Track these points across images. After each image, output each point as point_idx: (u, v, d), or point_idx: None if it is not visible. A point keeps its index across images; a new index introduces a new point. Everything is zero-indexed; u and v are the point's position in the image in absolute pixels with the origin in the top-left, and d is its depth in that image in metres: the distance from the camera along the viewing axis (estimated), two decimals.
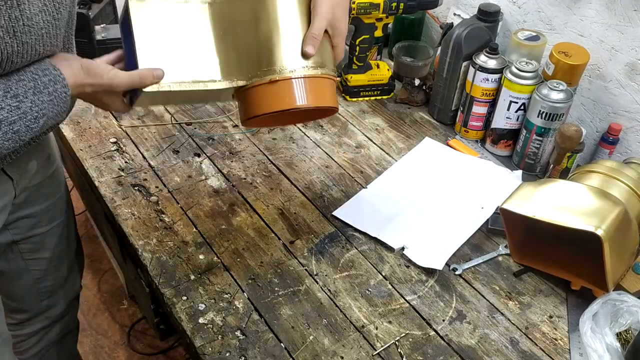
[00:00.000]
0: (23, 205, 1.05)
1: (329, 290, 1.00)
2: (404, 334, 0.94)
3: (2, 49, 0.71)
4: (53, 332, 1.29)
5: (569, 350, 0.94)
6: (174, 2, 0.90)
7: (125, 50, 0.90)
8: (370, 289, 1.01)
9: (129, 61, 0.88)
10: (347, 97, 1.46)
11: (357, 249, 1.08)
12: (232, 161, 1.25)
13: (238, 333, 0.92)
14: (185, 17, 0.89)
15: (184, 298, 0.97)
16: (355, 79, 1.44)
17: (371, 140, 1.34)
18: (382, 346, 0.92)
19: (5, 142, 0.75)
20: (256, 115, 0.88)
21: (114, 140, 1.29)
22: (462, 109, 1.35)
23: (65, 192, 1.19)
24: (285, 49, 0.86)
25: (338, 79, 0.95)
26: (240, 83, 0.88)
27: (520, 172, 1.27)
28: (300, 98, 0.87)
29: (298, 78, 0.86)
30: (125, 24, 0.88)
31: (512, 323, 0.97)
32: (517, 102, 1.23)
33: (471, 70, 1.28)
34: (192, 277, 1.00)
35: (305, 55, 0.87)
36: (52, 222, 1.14)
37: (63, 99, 0.79)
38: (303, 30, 0.88)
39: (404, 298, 1.00)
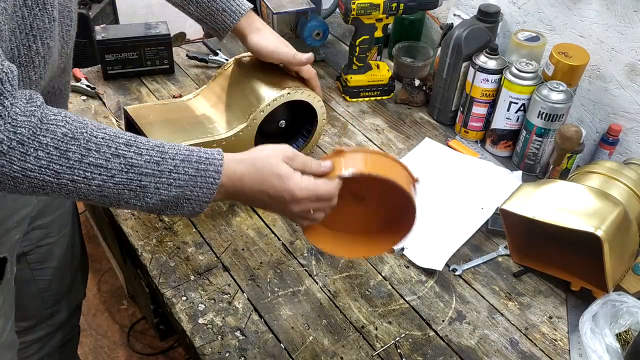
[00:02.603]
0: (37, 217, 1.05)
1: (329, 290, 1.00)
2: (403, 335, 0.94)
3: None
4: (55, 339, 1.29)
5: (569, 351, 0.94)
6: (163, 103, 1.15)
7: None
8: (370, 290, 1.01)
9: None
10: (347, 98, 1.46)
11: None
12: None
13: (238, 333, 0.92)
14: (177, 108, 1.13)
15: (184, 298, 0.97)
16: (355, 80, 1.44)
17: (371, 141, 1.34)
18: (381, 346, 0.92)
19: (125, 190, 0.68)
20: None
21: None
22: (462, 109, 1.35)
23: (73, 201, 1.19)
24: (267, 87, 1.09)
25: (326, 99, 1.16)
26: (241, 126, 1.07)
27: (520, 172, 1.26)
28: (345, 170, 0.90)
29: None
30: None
31: (512, 324, 0.97)
32: (517, 103, 1.23)
33: (471, 70, 1.28)
34: (192, 277, 1.00)
35: (305, 62, 1.08)
36: (60, 232, 1.14)
37: (209, 184, 0.71)
38: (274, 71, 1.12)
39: (404, 298, 1.00)
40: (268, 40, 1.06)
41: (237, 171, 0.74)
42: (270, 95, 1.07)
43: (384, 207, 0.89)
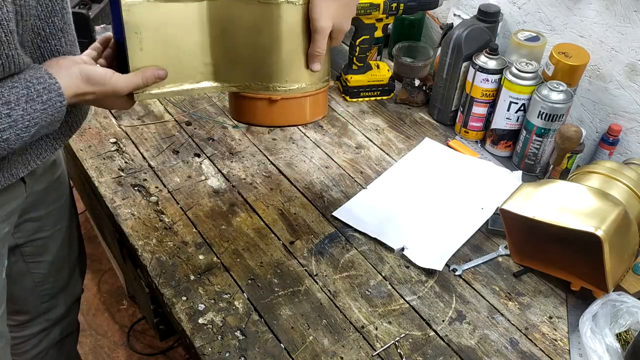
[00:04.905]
0: (29, 209, 1.05)
1: (329, 290, 1.00)
2: (403, 335, 0.94)
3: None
4: (53, 334, 1.29)
5: (569, 351, 0.94)
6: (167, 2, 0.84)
7: (115, 31, 0.86)
8: (370, 290, 1.01)
9: (120, 49, 0.85)
10: (347, 98, 1.46)
11: (357, 249, 1.08)
12: (232, 161, 1.25)
13: (238, 333, 0.92)
14: (180, 15, 0.85)
15: (184, 298, 0.97)
16: (355, 80, 1.44)
17: (371, 141, 1.34)
18: (381, 347, 0.92)
19: None
20: (249, 124, 0.94)
21: (114, 140, 1.29)
22: (462, 109, 1.35)
23: (70, 196, 1.18)
24: (283, 67, 0.86)
25: (331, 83, 0.97)
26: (233, 89, 0.89)
27: (520, 172, 1.27)
28: (297, 116, 0.91)
29: (294, 98, 0.88)
30: (117, 12, 0.82)
31: (512, 324, 0.97)
32: (517, 103, 1.23)
33: (471, 70, 1.28)
34: (192, 277, 1.00)
35: (310, 70, 0.88)
36: (55, 225, 1.14)
37: (57, 108, 0.77)
38: (303, 46, 0.86)
39: (404, 298, 1.00)
40: (323, 13, 0.85)
41: (76, 87, 0.78)
42: (278, 85, 0.87)
43: None
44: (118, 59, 0.87)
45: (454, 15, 1.50)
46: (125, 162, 1.23)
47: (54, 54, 0.84)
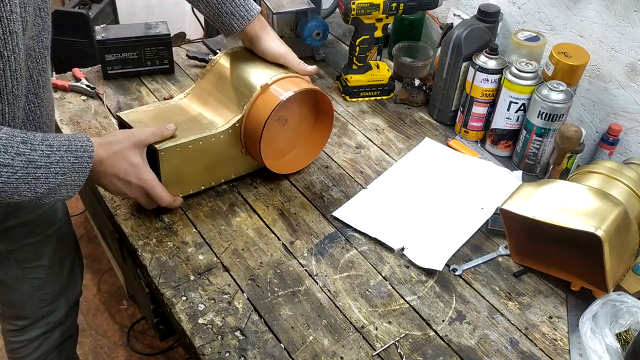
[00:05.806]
0: (14, 214, 1.04)
1: (329, 290, 1.00)
2: (403, 335, 0.94)
3: None
4: (53, 337, 1.29)
5: (569, 350, 0.94)
6: (155, 106, 1.14)
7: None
8: (370, 290, 1.01)
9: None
10: (347, 98, 1.46)
11: (357, 249, 1.08)
12: None
13: (237, 333, 0.92)
14: (170, 109, 1.13)
15: (184, 298, 0.97)
16: (355, 80, 1.44)
17: (371, 141, 1.34)
18: (381, 346, 0.92)
19: (22, 183, 0.76)
20: (263, 125, 1.06)
21: None
22: (462, 109, 1.35)
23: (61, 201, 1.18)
24: (257, 76, 1.11)
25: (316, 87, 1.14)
26: (237, 118, 1.09)
27: (520, 172, 1.27)
28: (285, 92, 1.07)
29: (275, 81, 1.09)
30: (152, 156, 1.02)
31: (512, 323, 0.97)
32: (517, 103, 1.23)
33: (471, 70, 1.28)
34: (192, 277, 1.00)
35: (310, 72, 1.14)
36: (46, 230, 1.13)
37: (84, 169, 0.84)
38: (260, 62, 1.14)
39: (404, 298, 1.00)
40: (277, 45, 1.13)
41: (99, 154, 0.88)
42: (260, 83, 1.09)
43: (304, 114, 1.18)
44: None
45: (454, 15, 1.50)
46: None
47: (42, 74, 0.88)
